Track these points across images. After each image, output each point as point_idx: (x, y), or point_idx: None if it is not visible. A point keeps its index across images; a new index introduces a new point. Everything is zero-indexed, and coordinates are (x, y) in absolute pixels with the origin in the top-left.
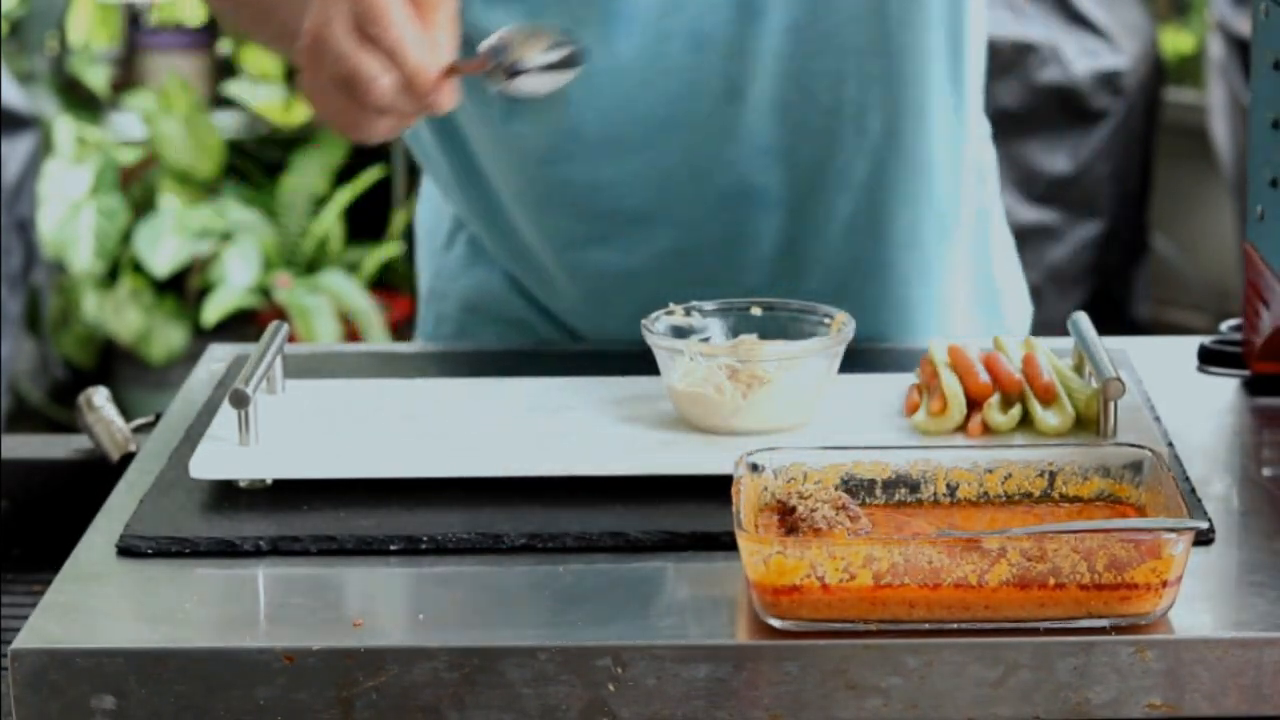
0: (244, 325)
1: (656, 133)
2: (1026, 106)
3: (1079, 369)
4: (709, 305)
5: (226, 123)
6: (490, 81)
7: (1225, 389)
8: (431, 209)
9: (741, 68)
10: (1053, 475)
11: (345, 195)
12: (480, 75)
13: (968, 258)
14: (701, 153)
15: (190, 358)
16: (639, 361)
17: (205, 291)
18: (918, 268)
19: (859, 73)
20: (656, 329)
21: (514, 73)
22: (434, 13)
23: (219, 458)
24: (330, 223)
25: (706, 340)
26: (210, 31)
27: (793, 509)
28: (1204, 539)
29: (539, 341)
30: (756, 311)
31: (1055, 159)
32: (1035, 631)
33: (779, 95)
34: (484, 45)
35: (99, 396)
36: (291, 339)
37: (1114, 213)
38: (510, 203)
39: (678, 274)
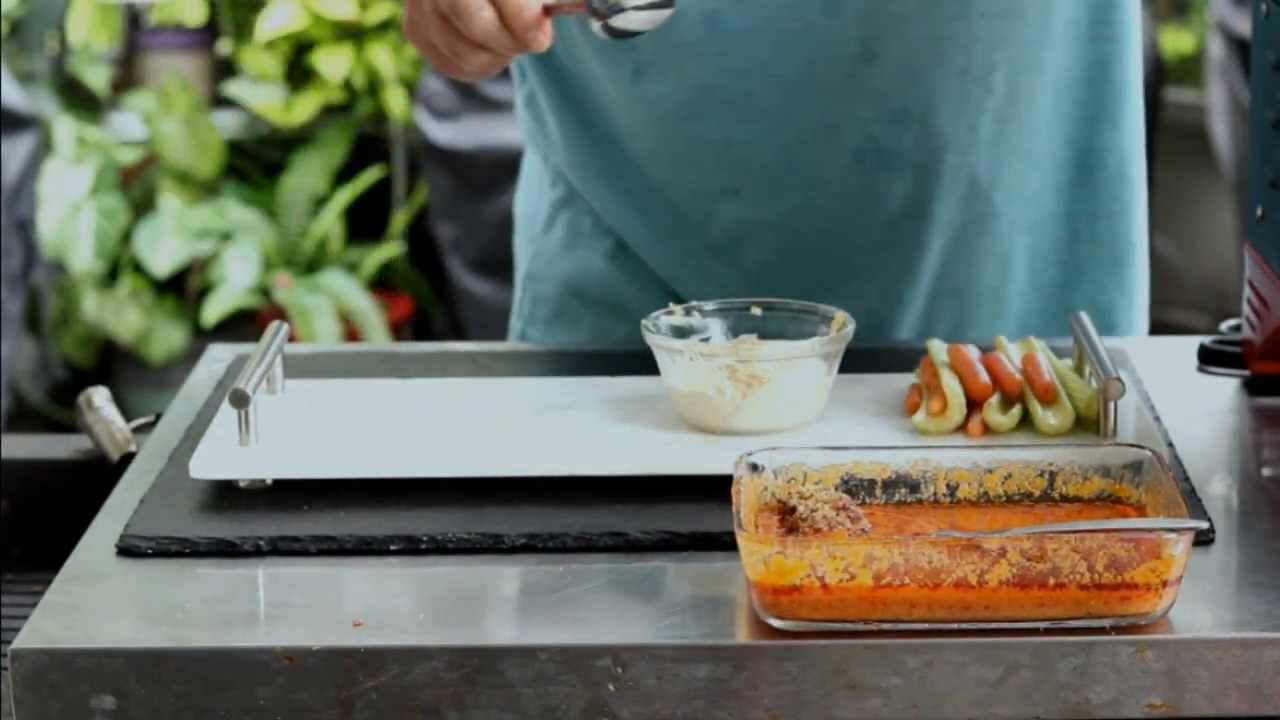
0: (244, 325)
1: (790, 93)
2: None
3: (1079, 369)
4: (709, 305)
5: (226, 123)
6: (589, 19)
7: (1225, 389)
8: (531, 194)
9: (875, 30)
10: (1053, 475)
11: (345, 195)
12: (579, 14)
13: (1082, 210)
14: (834, 113)
15: (190, 358)
16: (639, 361)
17: (205, 291)
18: (1024, 216)
19: (987, 36)
20: (656, 329)
21: (612, 10)
22: None
23: (219, 458)
24: (330, 223)
25: (706, 340)
26: (210, 31)
27: (793, 509)
28: (1204, 539)
29: (539, 342)
30: (756, 311)
31: None
32: (1035, 631)
33: (911, 58)
34: None
35: (99, 396)
36: (291, 339)
37: None
38: (642, 159)
39: (806, 230)
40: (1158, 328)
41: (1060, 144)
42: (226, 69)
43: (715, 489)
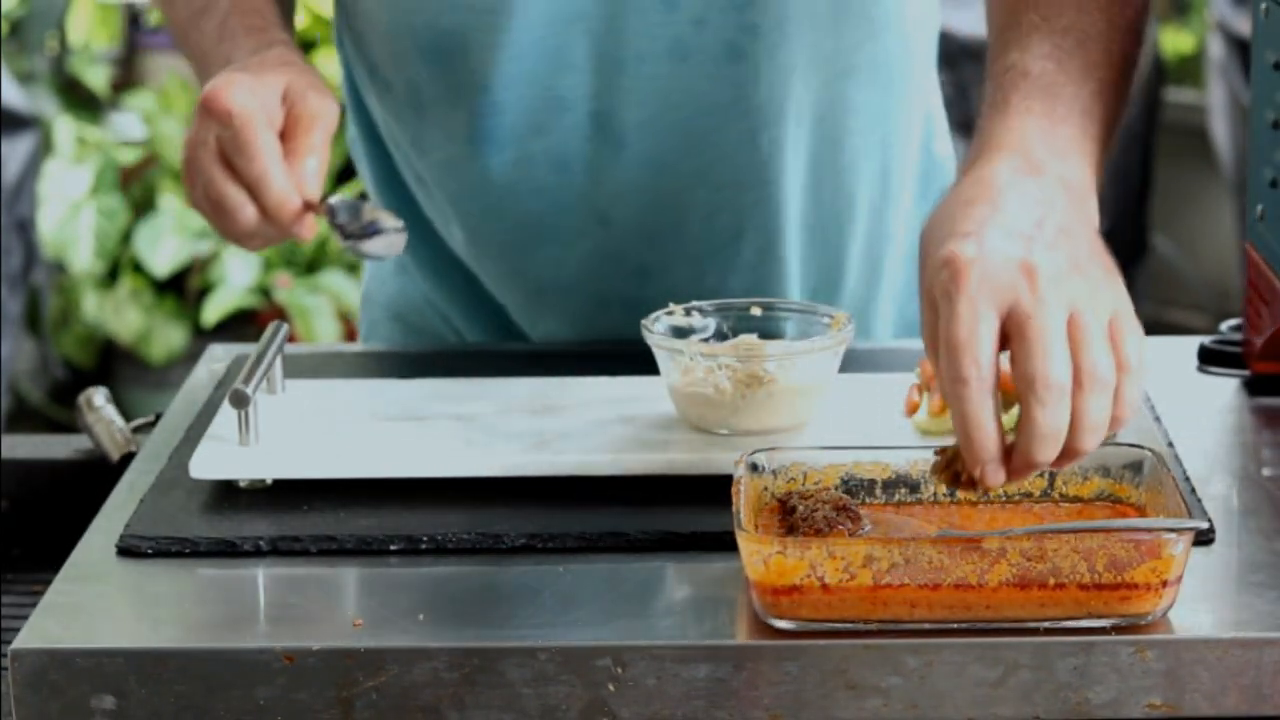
0: (244, 325)
1: (529, 242)
2: None
3: None
4: (709, 305)
5: None
6: (335, 235)
7: (1225, 389)
8: None
9: (605, 193)
10: (1053, 475)
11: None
12: (329, 225)
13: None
14: (571, 269)
15: (190, 358)
16: (639, 361)
17: (205, 291)
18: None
19: (732, 204)
20: (656, 329)
21: (354, 235)
22: (304, 140)
23: (219, 458)
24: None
25: (706, 340)
26: None
27: (793, 509)
28: (1204, 539)
29: (539, 341)
30: (756, 311)
31: None
32: (1035, 631)
33: (645, 222)
34: (329, 201)
35: (99, 396)
36: (291, 339)
37: (1114, 212)
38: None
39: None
40: (1158, 328)
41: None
42: None
43: (715, 489)
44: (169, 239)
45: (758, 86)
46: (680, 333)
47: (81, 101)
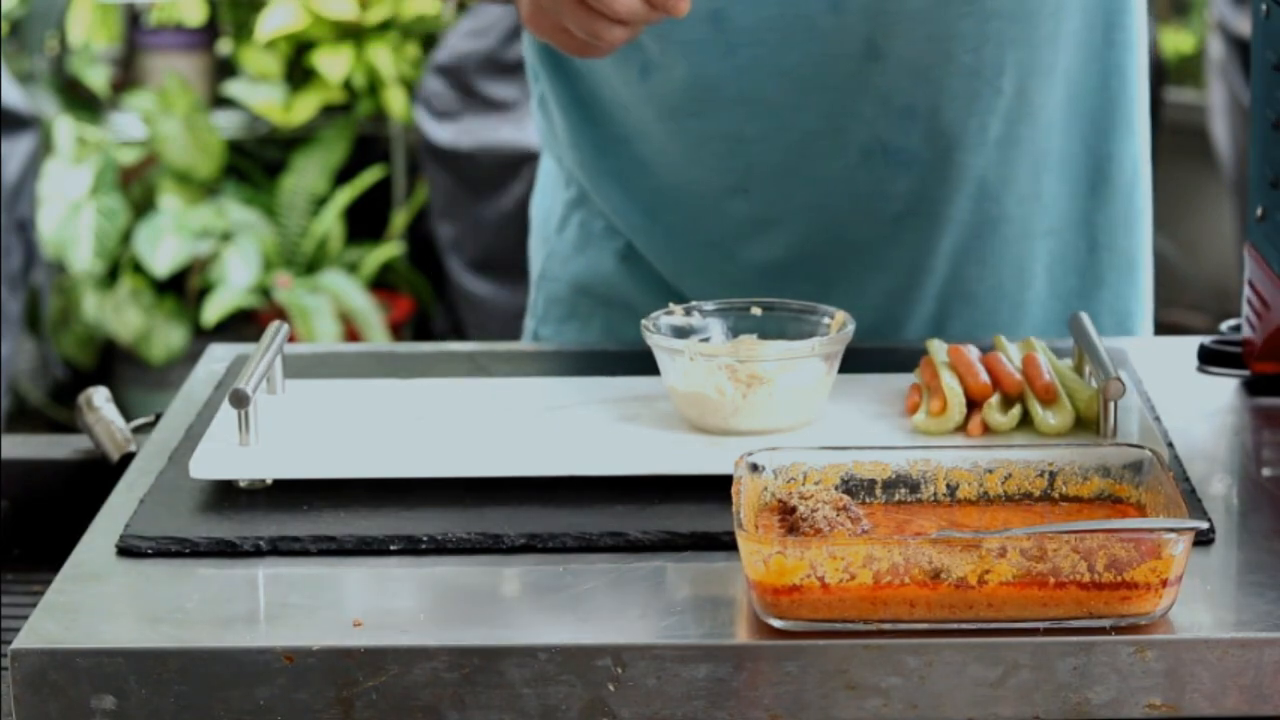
0: (244, 325)
1: (796, 90)
2: None
3: (1079, 369)
4: (709, 305)
5: (226, 123)
6: None
7: (1225, 389)
8: (546, 195)
9: (882, 28)
10: (1053, 475)
11: (345, 195)
12: None
13: (1102, 218)
14: (841, 111)
15: (190, 358)
16: (639, 361)
17: (205, 291)
18: (1039, 221)
19: (998, 35)
20: (656, 329)
21: None
22: None
23: (219, 458)
24: (330, 223)
25: (706, 340)
26: (210, 31)
27: (793, 509)
28: (1204, 539)
29: (539, 341)
30: (756, 311)
31: None
32: (1035, 631)
33: (919, 57)
34: None
35: (99, 396)
36: (291, 339)
37: None
38: (651, 158)
39: (813, 227)
40: (1158, 328)
41: (1076, 149)
42: (226, 69)
43: (715, 489)
44: (169, 239)
45: None
46: (680, 333)
47: (81, 101)
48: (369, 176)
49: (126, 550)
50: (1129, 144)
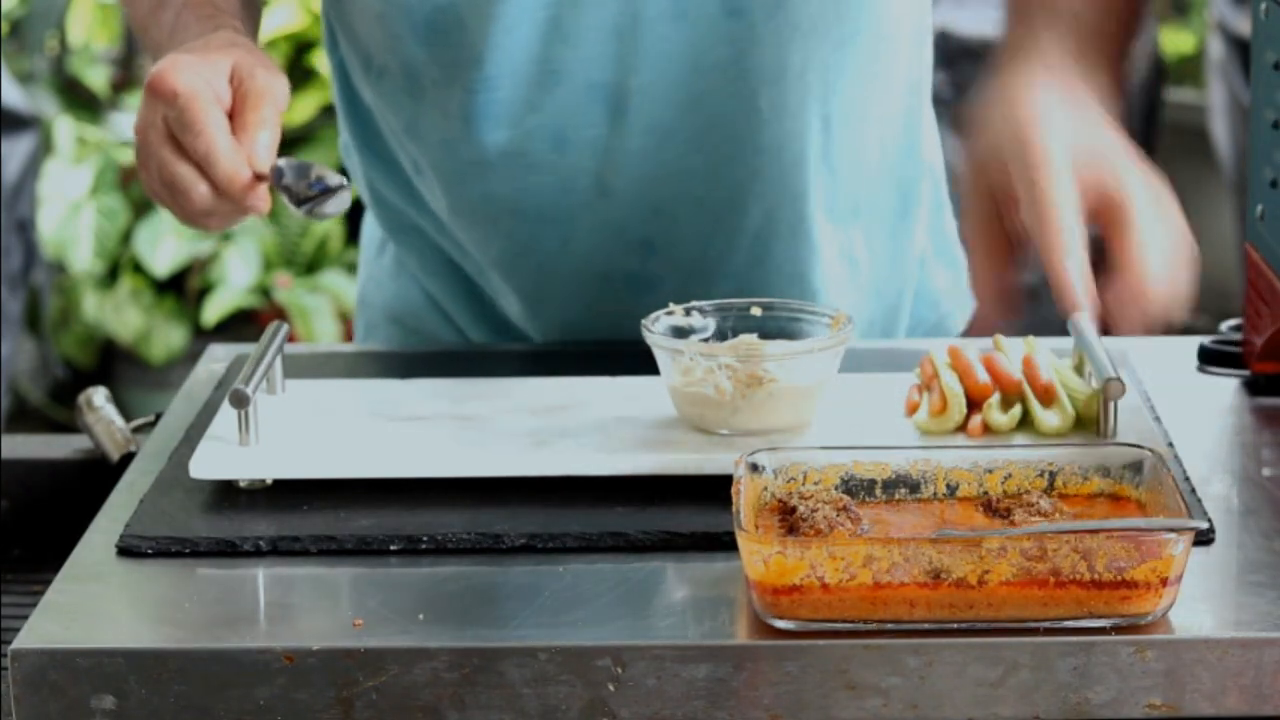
0: (244, 325)
1: (530, 221)
2: None
3: (1079, 369)
4: (709, 305)
5: None
6: (286, 201)
7: (1225, 389)
8: (370, 217)
9: (607, 166)
10: (1053, 475)
11: None
12: (279, 189)
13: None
14: (576, 243)
15: (190, 358)
16: (639, 361)
17: (205, 291)
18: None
19: (732, 170)
20: (656, 329)
21: (304, 200)
22: (254, 115)
23: (219, 458)
24: (330, 222)
25: (706, 340)
26: None
27: (793, 509)
28: (1204, 539)
29: (540, 341)
30: (756, 311)
31: None
32: (1035, 631)
33: (650, 192)
34: (276, 164)
35: (99, 396)
36: (291, 339)
37: None
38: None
39: (573, 324)
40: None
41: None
42: None
43: (715, 489)
44: (169, 239)
45: (755, 46)
46: (680, 333)
47: (81, 101)
48: None
49: (126, 550)
50: (913, 166)
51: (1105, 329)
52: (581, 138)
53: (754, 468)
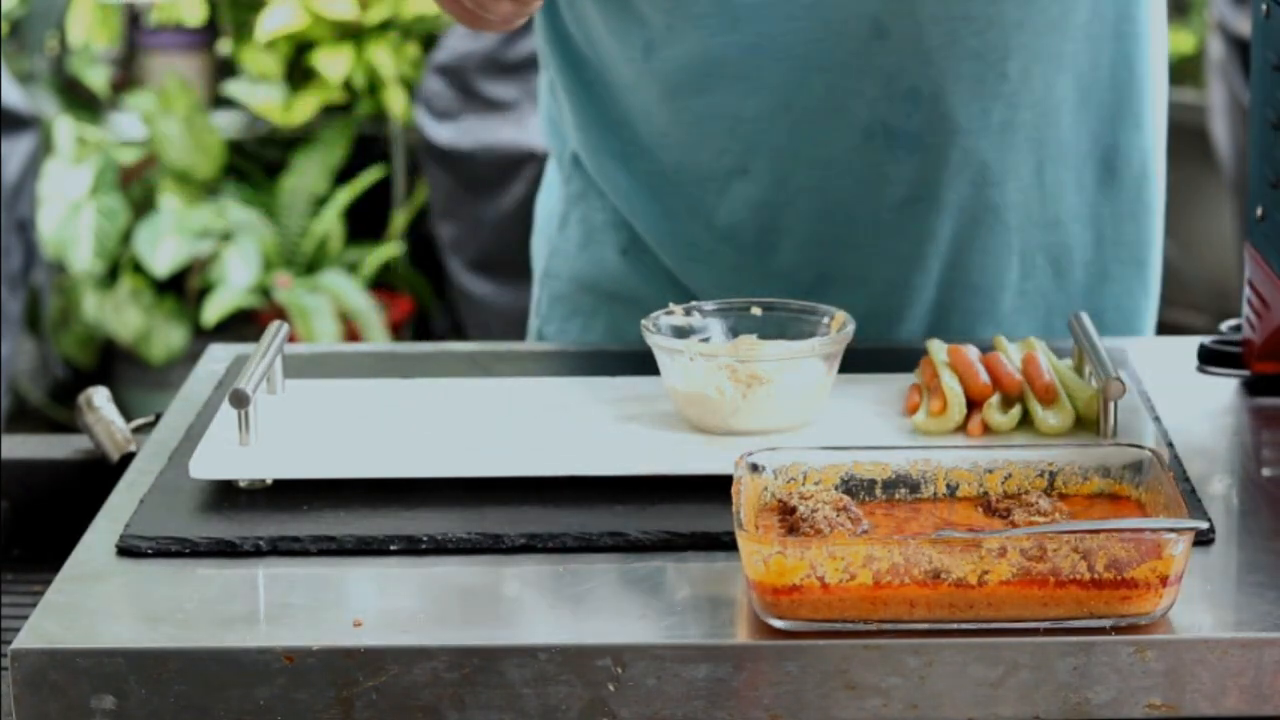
0: (244, 325)
1: (797, 68)
2: None
3: (1079, 369)
4: (709, 305)
5: (226, 123)
6: None
7: (1225, 389)
8: (549, 193)
9: (889, 8)
10: (1053, 475)
11: (345, 195)
12: None
13: (1108, 212)
14: (843, 91)
15: (190, 358)
16: (639, 361)
17: (205, 291)
18: (1042, 211)
19: (1004, 19)
20: (656, 329)
21: None
22: None
23: (219, 458)
24: (330, 223)
25: (706, 340)
26: (210, 31)
27: (793, 509)
28: (1204, 539)
29: (544, 340)
30: (756, 311)
31: None
32: (1035, 631)
33: (925, 38)
34: None
35: (99, 396)
36: (291, 339)
37: None
38: (654, 140)
39: (814, 211)
40: (1158, 328)
41: (1082, 140)
42: (226, 69)
43: (715, 489)
44: (169, 239)
45: None
46: (680, 333)
47: (81, 101)
48: (369, 176)
49: (126, 550)
50: (1137, 138)
51: None
52: None
53: (754, 468)
